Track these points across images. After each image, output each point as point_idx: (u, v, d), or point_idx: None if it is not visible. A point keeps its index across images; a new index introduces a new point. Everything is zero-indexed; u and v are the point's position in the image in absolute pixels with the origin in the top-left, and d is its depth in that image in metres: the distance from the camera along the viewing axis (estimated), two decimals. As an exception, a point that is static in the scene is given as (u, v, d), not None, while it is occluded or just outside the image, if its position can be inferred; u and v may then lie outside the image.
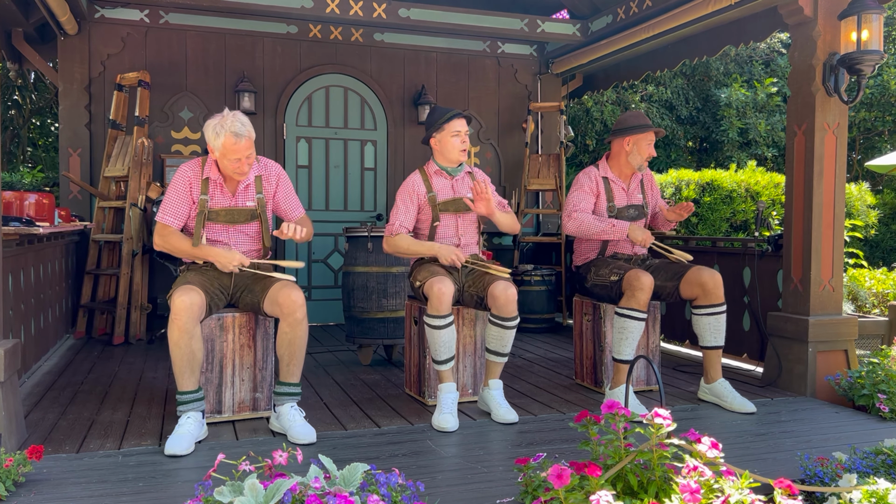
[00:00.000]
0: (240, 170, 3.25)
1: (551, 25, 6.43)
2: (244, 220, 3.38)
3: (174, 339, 3.03)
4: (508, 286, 3.46)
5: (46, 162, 10.93)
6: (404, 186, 3.70)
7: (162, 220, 3.28)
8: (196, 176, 3.32)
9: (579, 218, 3.84)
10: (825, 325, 4.04)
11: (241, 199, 3.38)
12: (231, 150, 3.18)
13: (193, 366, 3.08)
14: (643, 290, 3.62)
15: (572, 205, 3.91)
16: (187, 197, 3.30)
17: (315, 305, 6.60)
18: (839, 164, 4.10)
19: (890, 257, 11.47)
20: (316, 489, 1.97)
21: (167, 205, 3.29)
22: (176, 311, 3.02)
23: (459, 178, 3.77)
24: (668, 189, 8.26)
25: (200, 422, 3.08)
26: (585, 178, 3.97)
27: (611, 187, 3.98)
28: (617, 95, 11.04)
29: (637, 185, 4.08)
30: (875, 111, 11.90)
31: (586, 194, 3.93)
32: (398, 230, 3.63)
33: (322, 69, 6.58)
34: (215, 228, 3.35)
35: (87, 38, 5.98)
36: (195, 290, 3.09)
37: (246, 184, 3.37)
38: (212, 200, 3.32)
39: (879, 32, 3.86)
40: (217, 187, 3.34)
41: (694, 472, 2.02)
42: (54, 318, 5.01)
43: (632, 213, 4.00)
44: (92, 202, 6.00)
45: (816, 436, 3.26)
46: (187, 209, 3.31)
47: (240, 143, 3.17)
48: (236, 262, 3.22)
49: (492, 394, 3.55)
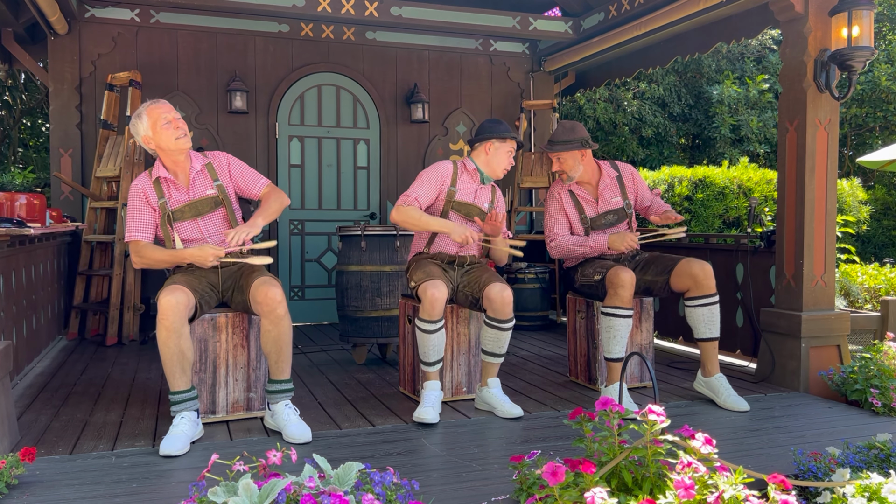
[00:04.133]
0: (178, 132, 3.24)
1: (543, 23, 6.44)
2: (209, 210, 3.35)
3: (162, 339, 3.02)
4: (504, 288, 3.47)
5: (37, 162, 10.88)
6: (435, 169, 3.70)
7: (132, 238, 3.26)
8: (147, 184, 3.32)
9: (559, 245, 3.92)
10: (818, 321, 4.06)
11: (199, 190, 3.35)
12: (157, 116, 3.24)
13: (184, 365, 3.07)
14: (624, 286, 3.63)
15: (549, 231, 3.98)
16: (146, 208, 3.29)
17: (309, 305, 6.59)
18: (830, 160, 4.12)
19: (882, 252, 11.53)
20: (310, 488, 1.97)
21: (130, 222, 3.27)
22: (162, 311, 3.01)
23: (485, 189, 3.81)
24: (660, 186, 8.27)
25: (195, 421, 3.07)
26: (551, 200, 4.01)
27: (578, 200, 3.96)
28: (609, 93, 11.05)
29: (610, 187, 3.99)
30: (866, 107, 11.95)
31: (557, 217, 3.96)
32: (412, 202, 3.59)
33: (314, 68, 6.56)
34: (184, 227, 3.32)
35: (78, 38, 5.95)
36: (181, 290, 3.08)
37: (196, 171, 3.34)
38: (170, 201, 3.31)
39: (870, 29, 3.88)
40: (170, 185, 3.32)
41: (688, 468, 2.03)
42: (46, 320, 4.98)
43: (610, 220, 3.96)
44: (83, 203, 5.97)
45: (810, 431, 3.27)
46: (152, 220, 3.30)
47: (158, 104, 3.26)
48: (210, 255, 3.19)
49: (491, 392, 3.56)
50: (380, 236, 4.64)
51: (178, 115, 3.30)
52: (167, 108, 3.28)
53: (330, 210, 6.68)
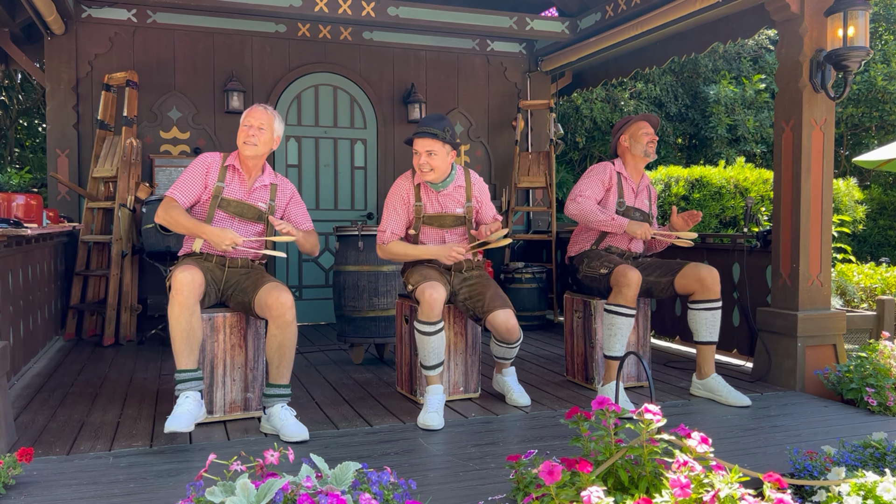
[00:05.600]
0: (246, 137, 3.31)
1: (540, 23, 6.44)
2: (251, 218, 3.42)
3: (175, 314, 3.03)
4: (509, 317, 3.49)
5: (34, 163, 10.86)
6: (397, 192, 3.65)
7: (171, 195, 3.31)
8: (215, 163, 3.41)
9: (582, 204, 3.84)
10: (814, 320, 4.07)
11: (255, 197, 3.43)
12: (244, 117, 3.37)
13: (192, 344, 3.08)
14: (630, 286, 3.63)
15: (579, 190, 3.91)
16: (201, 181, 3.36)
17: (306, 305, 6.59)
18: (826, 160, 4.13)
19: (877, 252, 11.55)
20: (308, 488, 1.97)
21: (179, 183, 3.34)
22: (177, 287, 3.02)
23: (445, 193, 3.64)
24: (657, 186, 8.29)
25: (199, 402, 3.08)
26: (601, 168, 3.99)
27: (622, 185, 4.00)
28: (606, 93, 11.06)
29: (645, 191, 4.11)
30: (862, 107, 11.97)
31: (596, 184, 3.93)
32: (389, 238, 3.62)
33: (311, 68, 6.56)
34: (223, 217, 3.39)
35: (75, 38, 5.95)
36: (196, 269, 3.12)
37: (262, 184, 3.44)
38: (227, 188, 3.38)
39: (865, 29, 3.89)
40: (235, 176, 3.40)
41: (684, 466, 2.03)
42: (43, 320, 4.98)
43: (637, 217, 4.01)
44: (80, 203, 5.96)
45: (806, 430, 3.28)
46: (198, 193, 3.36)
47: (255, 110, 3.37)
48: (229, 240, 3.21)
49: (505, 379, 3.79)
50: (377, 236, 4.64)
51: (262, 125, 3.35)
52: (257, 114, 3.36)
53: (327, 210, 6.68)
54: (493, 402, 3.77)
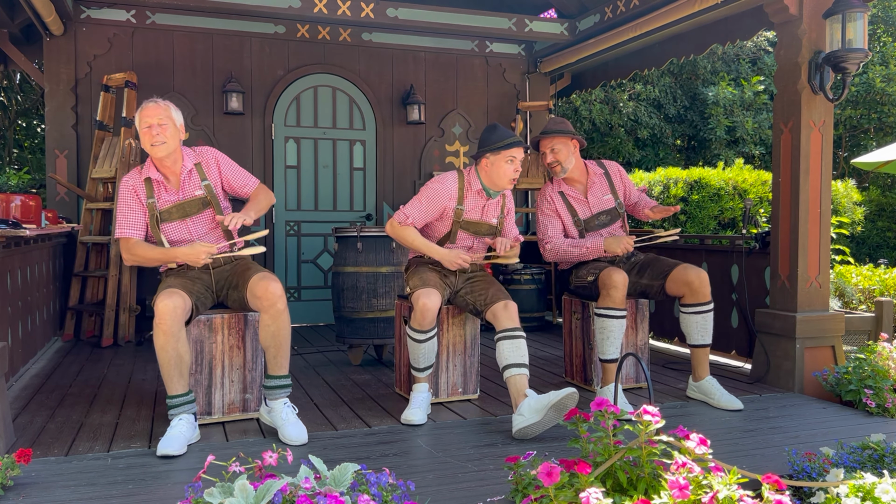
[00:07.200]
0: (152, 139, 3.19)
1: (539, 25, 6.45)
2: (197, 211, 3.34)
3: (160, 343, 3.02)
4: (508, 303, 3.47)
5: (33, 163, 10.86)
6: (441, 189, 3.57)
7: (122, 235, 3.25)
8: (137, 181, 3.30)
9: (554, 247, 3.86)
10: (812, 322, 4.07)
11: (188, 191, 3.33)
12: (141, 119, 3.22)
13: (181, 369, 3.07)
14: (617, 287, 3.63)
15: (542, 233, 3.92)
16: (137, 205, 3.28)
17: (305, 306, 6.59)
18: (825, 162, 4.13)
19: (876, 254, 11.56)
20: (306, 489, 1.97)
21: (121, 219, 3.26)
22: (160, 316, 3.01)
23: (492, 202, 3.69)
24: (656, 187, 8.29)
25: (192, 424, 3.07)
26: (543, 202, 3.94)
27: (569, 201, 3.93)
28: (605, 94, 11.07)
29: (599, 185, 3.97)
30: (861, 109, 11.99)
31: (550, 219, 3.92)
32: (408, 224, 3.57)
33: (310, 69, 6.56)
34: (172, 228, 3.31)
35: (73, 39, 5.94)
36: (178, 293, 3.08)
37: (186, 171, 3.32)
38: (159, 201, 3.30)
39: (864, 31, 3.90)
40: (160, 187, 3.31)
41: (682, 468, 2.03)
42: (42, 321, 4.98)
43: (603, 220, 3.94)
44: (79, 204, 5.96)
45: (804, 431, 3.28)
46: (142, 217, 3.29)
47: (148, 107, 3.22)
48: (203, 254, 3.18)
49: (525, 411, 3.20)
50: (376, 237, 4.65)
51: (161, 121, 3.21)
52: (151, 111, 3.22)
53: (326, 211, 6.68)
54: (491, 404, 3.77)
